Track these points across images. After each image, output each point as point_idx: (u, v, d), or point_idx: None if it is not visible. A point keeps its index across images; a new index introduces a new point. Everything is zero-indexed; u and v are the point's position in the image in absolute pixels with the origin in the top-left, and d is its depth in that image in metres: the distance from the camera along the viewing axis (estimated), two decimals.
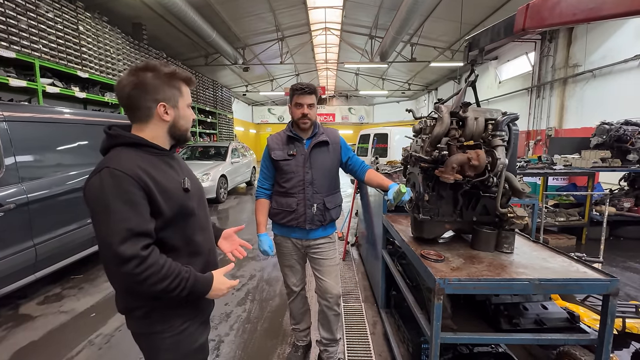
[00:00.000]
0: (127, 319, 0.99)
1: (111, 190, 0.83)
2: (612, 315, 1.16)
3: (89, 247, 3.19)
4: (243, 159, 8.52)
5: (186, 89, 1.01)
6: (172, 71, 0.96)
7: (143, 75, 0.92)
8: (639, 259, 3.78)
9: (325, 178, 1.76)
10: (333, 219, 1.83)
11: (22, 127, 2.62)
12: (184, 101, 1.00)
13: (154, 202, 0.89)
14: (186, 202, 0.98)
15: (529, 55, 8.62)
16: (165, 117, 0.96)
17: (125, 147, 0.92)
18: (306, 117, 1.69)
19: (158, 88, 0.94)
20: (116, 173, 0.84)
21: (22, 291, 2.82)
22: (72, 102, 5.27)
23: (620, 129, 4.45)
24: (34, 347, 2.20)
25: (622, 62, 5.88)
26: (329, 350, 1.94)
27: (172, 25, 7.83)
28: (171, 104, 0.97)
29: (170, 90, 0.96)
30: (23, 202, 2.48)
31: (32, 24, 4.19)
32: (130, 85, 0.92)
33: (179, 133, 1.01)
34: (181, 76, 0.99)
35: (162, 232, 0.92)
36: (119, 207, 0.82)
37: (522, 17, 1.06)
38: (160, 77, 0.94)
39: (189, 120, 1.04)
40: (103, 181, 0.84)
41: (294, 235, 1.81)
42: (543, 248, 1.55)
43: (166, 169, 0.97)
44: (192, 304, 1.01)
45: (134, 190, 0.84)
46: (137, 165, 0.88)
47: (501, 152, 1.38)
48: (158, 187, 0.90)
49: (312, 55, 13.50)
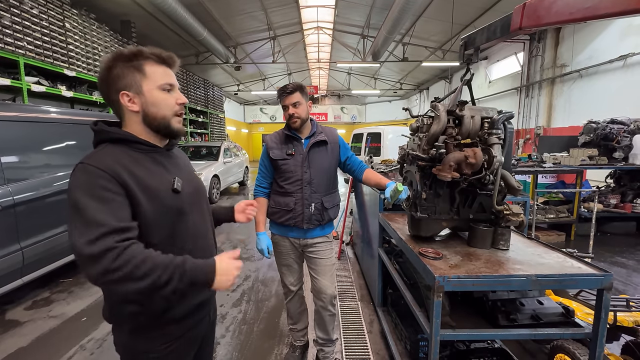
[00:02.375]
0: (113, 329, 0.94)
1: (81, 187, 0.75)
2: (607, 309, 1.19)
3: None
4: (235, 159, 8.44)
5: (154, 69, 0.86)
6: (132, 52, 0.83)
7: (106, 65, 0.82)
8: (625, 254, 3.90)
9: (324, 177, 1.76)
10: (331, 219, 1.83)
11: (7, 126, 2.53)
12: (151, 83, 0.85)
13: (134, 199, 0.79)
14: (174, 203, 0.88)
15: (518, 56, 8.77)
16: (132, 107, 0.84)
17: (110, 143, 0.85)
18: (294, 117, 1.69)
19: (119, 76, 0.82)
20: (89, 169, 0.76)
21: (9, 296, 2.73)
22: (59, 101, 5.13)
23: (607, 127, 4.57)
24: (23, 353, 2.14)
25: (607, 62, 6.04)
26: (325, 350, 1.94)
27: (162, 23, 7.70)
28: (134, 90, 0.83)
29: (130, 74, 0.83)
30: (9, 204, 2.40)
31: (16, 21, 4.05)
32: (99, 79, 0.84)
33: (155, 123, 0.87)
34: (146, 54, 0.84)
35: (146, 232, 0.83)
36: (88, 203, 0.73)
37: (519, 16, 1.07)
38: (120, 62, 0.82)
39: (164, 106, 0.87)
40: (75, 178, 0.77)
41: (292, 235, 1.80)
42: (538, 244, 1.57)
43: (152, 167, 0.87)
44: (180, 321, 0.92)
45: (107, 186, 0.75)
46: (116, 160, 0.80)
47: (497, 150, 1.39)
48: (139, 184, 0.81)
49: (304, 55, 13.46)
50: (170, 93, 0.89)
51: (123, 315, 0.88)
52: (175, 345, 0.94)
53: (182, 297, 0.79)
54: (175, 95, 0.90)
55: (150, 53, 0.86)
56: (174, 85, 0.90)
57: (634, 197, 4.68)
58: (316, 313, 1.90)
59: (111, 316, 0.91)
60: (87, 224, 0.72)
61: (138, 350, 0.91)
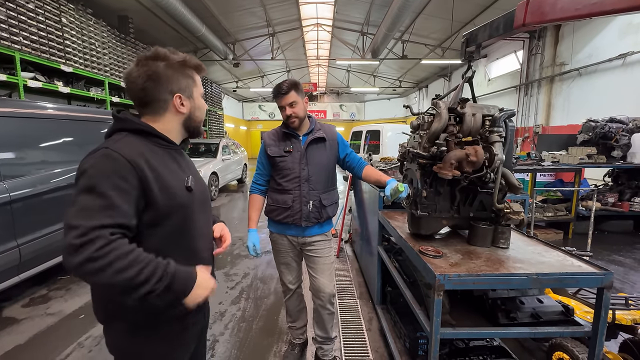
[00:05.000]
0: (105, 331, 0.90)
1: (104, 172, 0.75)
2: (606, 308, 1.19)
3: None
4: (234, 156, 8.41)
5: (198, 78, 0.96)
6: (183, 59, 0.90)
7: (154, 65, 0.86)
8: (623, 252, 3.92)
9: (322, 175, 1.74)
10: (330, 216, 1.81)
11: (3, 123, 2.50)
12: (198, 90, 0.95)
13: (149, 192, 0.81)
14: (186, 200, 0.90)
15: (517, 54, 8.76)
16: (181, 109, 0.92)
17: (130, 133, 0.86)
18: (292, 117, 1.67)
19: (171, 78, 0.88)
20: (114, 155, 0.77)
21: (6, 293, 2.71)
22: (56, 97, 5.07)
23: (606, 126, 4.58)
24: (21, 350, 2.12)
25: (606, 61, 6.03)
26: (324, 348, 1.94)
27: (160, 19, 7.63)
28: (186, 94, 0.92)
29: (184, 79, 0.91)
30: (5, 201, 2.38)
31: (11, 15, 4.00)
32: (143, 76, 0.85)
33: (194, 125, 0.97)
34: (192, 64, 0.93)
35: (154, 228, 0.84)
36: (106, 190, 0.73)
37: (523, 12, 1.06)
38: (172, 66, 0.88)
39: (204, 111, 0.99)
40: (98, 161, 0.77)
41: (290, 233, 1.79)
42: (537, 243, 1.57)
43: (170, 164, 0.90)
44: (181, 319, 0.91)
45: (127, 177, 0.77)
46: (140, 152, 0.82)
47: (499, 148, 1.39)
48: (158, 179, 0.83)
49: (303, 52, 13.40)
50: (203, 100, 1.00)
51: (119, 314, 0.86)
52: (174, 345, 0.92)
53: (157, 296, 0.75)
54: (204, 102, 1.01)
55: (194, 64, 0.94)
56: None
57: (631, 196, 4.71)
58: (315, 312, 1.89)
59: (106, 316, 0.89)
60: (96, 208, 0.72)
61: (135, 351, 0.89)
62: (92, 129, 3.42)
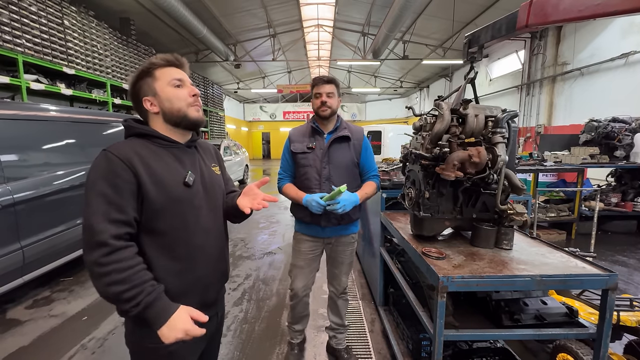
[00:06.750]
0: (124, 322, 0.97)
1: (100, 172, 0.84)
2: (611, 309, 1.18)
3: (79, 249, 3.10)
4: (235, 157, 8.43)
5: (162, 71, 0.95)
6: (145, 65, 0.95)
7: (131, 85, 0.96)
8: (626, 252, 3.89)
9: (344, 175, 1.71)
10: (352, 219, 1.77)
11: (6, 125, 2.51)
12: (161, 83, 0.94)
13: (143, 185, 0.86)
14: (184, 195, 0.93)
15: (519, 54, 8.74)
16: (154, 109, 0.95)
17: (136, 137, 0.95)
18: (325, 105, 1.67)
19: (140, 87, 0.95)
20: (109, 156, 0.85)
21: (9, 295, 2.72)
22: (58, 99, 5.09)
23: (608, 126, 4.55)
24: (24, 352, 2.13)
25: (608, 60, 6.02)
26: (337, 337, 1.97)
27: (162, 21, 7.66)
28: (150, 93, 0.94)
29: (144, 82, 0.95)
30: (9, 203, 2.39)
31: (14, 18, 4.03)
32: (130, 98, 0.98)
33: (175, 116, 0.95)
34: (157, 64, 0.95)
35: (153, 222, 0.89)
36: (103, 189, 0.82)
37: (525, 13, 1.05)
38: (137, 78, 0.95)
39: (176, 99, 0.94)
40: (96, 163, 0.86)
41: (312, 233, 1.79)
42: (541, 244, 1.56)
43: (169, 160, 0.95)
44: None
45: (121, 173, 0.84)
46: (135, 151, 0.88)
47: (501, 149, 1.38)
48: (151, 173, 0.88)
49: (304, 52, 13.42)
50: (181, 88, 0.96)
51: None
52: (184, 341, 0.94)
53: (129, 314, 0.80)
54: (187, 89, 0.97)
55: (160, 59, 0.96)
56: (183, 79, 0.97)
57: (635, 196, 4.68)
58: (330, 299, 1.95)
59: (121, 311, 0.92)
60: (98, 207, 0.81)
61: (147, 345, 0.91)
62: (94, 131, 3.43)
